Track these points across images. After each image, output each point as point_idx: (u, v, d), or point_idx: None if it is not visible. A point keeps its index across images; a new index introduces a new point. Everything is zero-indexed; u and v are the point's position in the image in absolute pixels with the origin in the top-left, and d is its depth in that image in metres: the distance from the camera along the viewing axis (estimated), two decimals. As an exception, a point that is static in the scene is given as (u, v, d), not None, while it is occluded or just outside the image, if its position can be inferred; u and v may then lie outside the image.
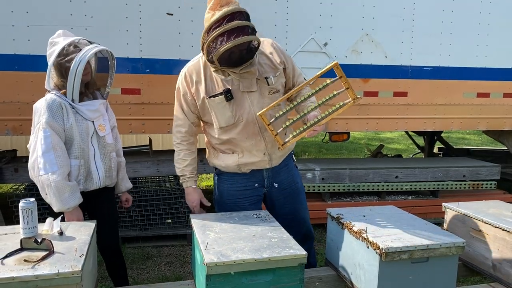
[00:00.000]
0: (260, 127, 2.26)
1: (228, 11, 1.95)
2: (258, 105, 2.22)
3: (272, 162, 2.36)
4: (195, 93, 2.24)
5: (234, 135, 2.26)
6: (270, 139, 2.27)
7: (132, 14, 3.49)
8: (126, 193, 2.56)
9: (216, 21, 1.95)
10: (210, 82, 2.21)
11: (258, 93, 2.23)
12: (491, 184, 4.74)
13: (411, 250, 1.85)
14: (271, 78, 2.23)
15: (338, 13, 3.91)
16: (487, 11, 4.24)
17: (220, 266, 1.66)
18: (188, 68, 2.27)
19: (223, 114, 2.21)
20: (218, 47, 1.96)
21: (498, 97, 4.45)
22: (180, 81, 2.29)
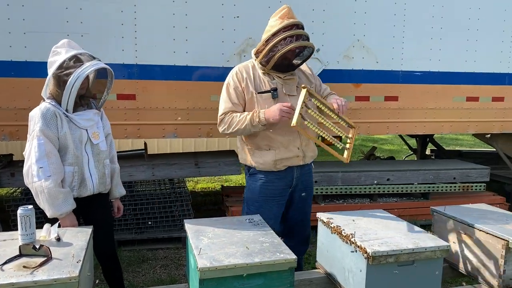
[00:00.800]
0: None
1: (296, 22, 2.49)
2: None
3: (305, 159, 2.67)
4: (245, 88, 2.57)
5: (274, 130, 2.55)
6: (304, 139, 2.62)
7: (127, 21, 3.54)
8: (118, 201, 2.61)
9: (285, 27, 2.45)
10: (258, 81, 2.59)
11: (297, 98, 2.51)
12: (480, 186, 4.83)
13: (397, 254, 1.93)
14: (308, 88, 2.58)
15: (330, 20, 3.98)
16: (475, 17, 4.33)
17: (213, 270, 1.73)
18: (239, 68, 2.65)
19: None
20: (286, 45, 2.41)
21: (487, 101, 4.54)
22: (232, 77, 2.62)
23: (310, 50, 2.57)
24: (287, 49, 2.41)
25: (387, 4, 4.10)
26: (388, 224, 2.25)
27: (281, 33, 2.44)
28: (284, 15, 2.50)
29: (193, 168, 4.10)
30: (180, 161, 4.10)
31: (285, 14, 2.50)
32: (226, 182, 6.97)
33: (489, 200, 4.99)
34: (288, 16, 2.50)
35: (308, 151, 2.67)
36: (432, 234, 2.12)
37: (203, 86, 3.77)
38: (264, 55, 2.50)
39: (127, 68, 3.61)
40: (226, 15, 3.72)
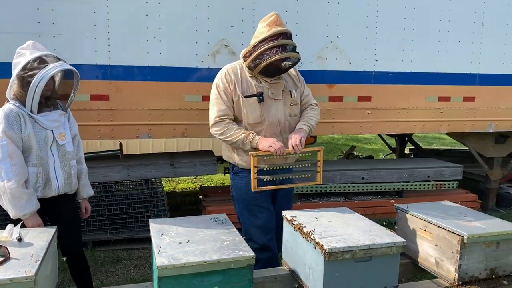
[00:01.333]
0: (281, 129, 2.68)
1: (284, 30, 2.52)
2: (283, 111, 2.67)
3: (287, 161, 2.70)
4: (233, 90, 2.62)
5: (258, 132, 2.62)
6: (285, 142, 2.64)
7: (100, 21, 3.54)
8: (85, 201, 2.63)
9: (272, 36, 2.47)
10: (245, 84, 2.63)
11: (283, 102, 2.67)
12: (453, 184, 4.95)
13: (353, 250, 1.98)
14: (293, 92, 2.73)
15: (304, 21, 4.03)
16: (446, 19, 4.43)
17: (170, 268, 1.77)
18: (227, 69, 2.67)
19: (253, 113, 2.60)
20: (272, 55, 2.45)
21: (458, 100, 4.65)
22: (220, 78, 2.65)
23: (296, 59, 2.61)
24: (272, 59, 2.46)
25: (360, 6, 4.17)
26: (349, 222, 2.31)
27: (268, 42, 2.47)
28: (272, 22, 2.54)
29: (169, 168, 4.12)
30: (156, 162, 4.12)
31: (273, 22, 2.54)
32: (208, 182, 7.00)
33: (462, 197, 5.13)
34: (276, 24, 2.54)
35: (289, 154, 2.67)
36: (391, 231, 2.18)
37: (177, 86, 3.79)
38: (251, 60, 2.55)
39: (100, 68, 3.61)
40: (199, 16, 3.75)
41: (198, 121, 3.87)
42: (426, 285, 2.30)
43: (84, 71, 3.56)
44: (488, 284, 2.26)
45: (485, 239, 2.23)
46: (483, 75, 4.68)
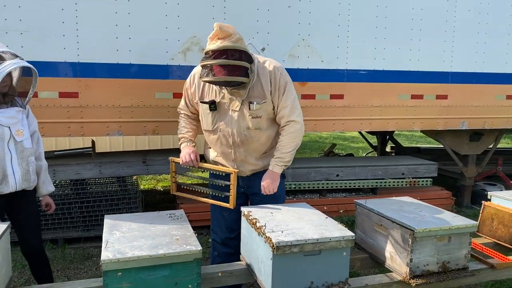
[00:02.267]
0: (234, 141, 2.52)
1: (220, 47, 2.18)
2: (237, 123, 2.47)
3: (241, 173, 2.60)
4: (193, 93, 2.58)
5: (211, 139, 2.59)
6: (240, 155, 2.55)
7: (68, 19, 3.54)
8: (47, 197, 2.63)
9: (206, 52, 2.25)
10: (207, 89, 2.51)
11: (240, 113, 2.46)
12: (427, 181, 5.00)
13: (301, 244, 2.01)
14: (254, 104, 2.42)
15: (275, 19, 4.06)
16: (418, 17, 4.48)
17: (115, 262, 1.78)
18: (195, 70, 2.57)
19: (207, 120, 2.56)
20: (205, 75, 2.27)
21: (431, 98, 4.70)
22: (188, 78, 2.61)
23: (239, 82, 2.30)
24: (206, 80, 2.30)
25: (331, 4, 4.20)
26: (303, 217, 2.34)
27: (203, 59, 2.27)
28: (214, 36, 2.25)
29: (141, 166, 4.13)
30: (128, 159, 4.13)
31: (215, 35, 2.24)
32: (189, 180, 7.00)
33: (436, 194, 5.19)
34: (218, 37, 2.23)
35: (243, 166, 2.59)
36: (343, 225, 2.21)
37: (148, 83, 3.80)
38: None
39: (69, 66, 3.61)
40: (169, 13, 3.76)
41: (169, 119, 3.88)
42: (378, 278, 2.33)
43: (52, 68, 3.58)
44: (440, 277, 2.30)
45: (436, 233, 2.27)
46: (455, 73, 4.73)
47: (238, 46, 2.22)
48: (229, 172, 2.48)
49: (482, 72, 4.82)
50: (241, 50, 2.24)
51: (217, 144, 2.59)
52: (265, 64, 2.47)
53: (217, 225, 2.75)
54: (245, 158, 2.57)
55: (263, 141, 2.55)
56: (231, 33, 2.23)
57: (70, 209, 3.93)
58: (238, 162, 2.58)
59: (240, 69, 2.23)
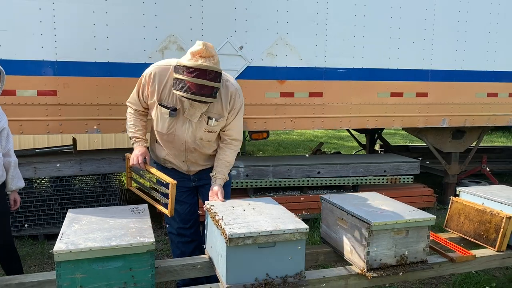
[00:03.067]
0: (186, 148, 2.59)
1: (203, 66, 2.20)
2: (192, 134, 2.54)
3: (190, 172, 2.72)
4: (151, 92, 2.49)
5: (163, 140, 2.60)
6: (190, 158, 2.63)
7: (46, 18, 3.60)
8: (15, 193, 2.69)
9: (188, 67, 2.20)
10: (167, 92, 2.45)
11: (196, 125, 2.51)
12: (408, 179, 5.04)
13: (254, 236, 2.05)
14: (212, 120, 2.50)
15: (253, 18, 4.11)
16: (397, 15, 4.52)
17: (67, 253, 1.83)
18: (157, 69, 2.48)
19: (162, 123, 2.52)
20: (179, 88, 2.23)
21: (411, 96, 4.74)
22: (146, 74, 2.50)
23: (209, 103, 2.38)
24: (180, 94, 2.26)
25: (309, 3, 4.25)
26: (263, 211, 2.37)
27: (182, 72, 2.22)
28: (197, 53, 2.23)
29: (122, 163, 4.18)
30: (108, 156, 4.18)
31: (198, 52, 2.22)
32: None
33: (418, 192, 5.23)
34: (200, 55, 2.22)
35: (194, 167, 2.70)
36: (298, 218, 2.25)
37: (125, 82, 3.85)
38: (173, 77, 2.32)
39: (47, 64, 3.67)
40: (147, 12, 3.82)
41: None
42: (337, 271, 2.37)
43: (31, 66, 3.63)
44: (397, 270, 2.34)
45: (392, 226, 2.31)
46: (435, 71, 4.77)
47: (217, 68, 2.27)
48: (168, 182, 2.43)
49: (462, 70, 4.86)
50: (218, 72, 2.28)
51: (169, 146, 2.61)
52: (227, 83, 2.51)
53: (171, 218, 2.75)
54: (196, 161, 2.67)
55: (211, 150, 2.67)
56: (213, 54, 2.27)
57: (51, 206, 3.99)
58: (188, 163, 2.67)
59: (213, 89, 2.28)
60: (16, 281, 2.08)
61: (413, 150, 7.26)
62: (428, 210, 5.17)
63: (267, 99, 4.27)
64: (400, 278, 2.41)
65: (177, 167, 2.71)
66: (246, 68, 4.16)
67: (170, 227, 2.87)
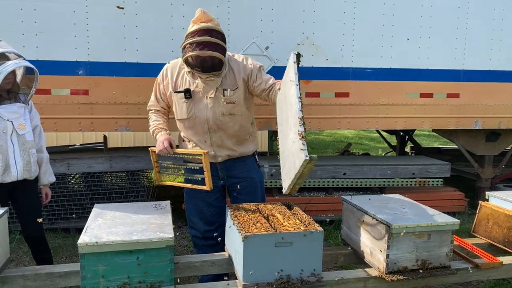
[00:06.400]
0: (209, 128, 2.65)
1: (204, 26, 2.46)
2: (212, 109, 2.62)
3: (218, 158, 2.73)
4: (166, 86, 2.69)
5: (186, 128, 2.69)
6: (216, 140, 2.68)
7: (79, 20, 3.75)
8: (46, 187, 2.82)
9: (192, 32, 2.47)
10: (180, 80, 2.65)
11: (214, 99, 2.61)
12: (438, 181, 4.90)
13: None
14: (228, 90, 2.63)
15: (279, 18, 4.12)
16: (428, 14, 4.41)
17: (90, 246, 1.92)
18: (168, 66, 2.73)
19: (181, 109, 2.66)
20: (186, 52, 2.46)
21: (441, 97, 4.61)
22: (160, 73, 2.73)
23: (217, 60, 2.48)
24: (186, 55, 2.45)
25: (336, 3, 4.22)
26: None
27: (189, 38, 2.47)
28: (197, 19, 2.51)
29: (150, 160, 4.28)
30: (137, 154, 4.31)
31: (198, 19, 2.51)
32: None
33: (449, 195, 5.08)
34: (201, 20, 2.49)
35: (220, 151, 2.72)
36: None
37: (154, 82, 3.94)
38: (182, 56, 2.54)
39: (80, 65, 3.83)
40: (175, 14, 3.91)
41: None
42: (355, 273, 2.35)
43: (64, 67, 3.80)
44: (417, 274, 2.29)
45: (414, 229, 2.27)
46: (468, 71, 4.62)
47: (220, 29, 2.51)
48: (199, 153, 2.45)
49: (497, 70, 4.68)
50: (221, 33, 2.51)
51: (192, 132, 2.67)
52: (234, 57, 2.71)
53: (195, 221, 2.83)
54: (222, 143, 2.69)
55: (236, 128, 2.70)
56: (212, 17, 2.53)
57: (82, 201, 4.15)
58: (214, 147, 2.70)
59: (222, 48, 2.47)
60: (45, 271, 2.19)
61: (445, 152, 7.04)
62: (459, 214, 5.02)
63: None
64: (421, 282, 2.36)
65: None
66: (271, 68, 4.17)
67: (194, 230, 2.88)
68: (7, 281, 2.14)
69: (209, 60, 2.47)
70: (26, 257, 3.64)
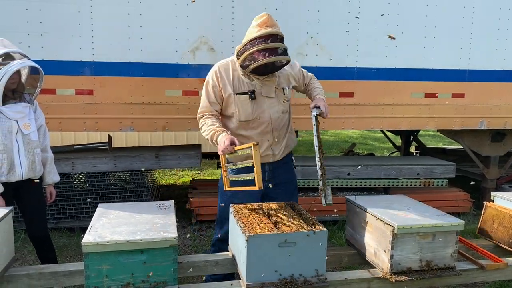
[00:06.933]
0: (273, 127, 2.68)
1: (273, 32, 2.46)
2: (274, 109, 2.66)
3: (275, 157, 2.76)
4: (223, 87, 2.62)
5: (249, 129, 2.66)
6: (275, 138, 2.71)
7: (84, 21, 3.77)
8: (51, 187, 2.83)
9: (261, 37, 2.44)
10: (237, 82, 2.62)
11: (276, 99, 2.67)
12: (442, 182, 4.88)
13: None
14: (286, 89, 2.71)
15: (283, 18, 4.08)
16: (433, 14, 4.39)
17: (94, 245, 1.92)
18: (219, 66, 2.66)
19: (245, 110, 2.62)
20: (259, 59, 2.42)
21: (446, 97, 4.59)
22: (211, 76, 2.65)
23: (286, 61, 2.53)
24: (260, 63, 2.41)
25: (340, 2, 4.21)
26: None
27: (257, 44, 2.42)
28: (263, 23, 2.47)
29: (154, 160, 4.31)
30: (141, 154, 4.32)
31: (264, 22, 2.48)
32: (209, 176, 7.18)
33: (453, 196, 5.06)
34: (267, 24, 2.47)
35: (277, 149, 2.74)
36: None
37: (158, 82, 3.97)
38: (242, 60, 2.51)
39: (85, 65, 3.84)
40: (179, 14, 3.91)
41: (178, 115, 4.04)
42: (359, 273, 2.35)
43: (69, 67, 3.81)
44: (422, 275, 2.28)
45: (418, 230, 2.26)
46: (473, 71, 4.59)
47: (282, 33, 2.54)
48: (249, 146, 2.29)
49: (503, 69, 4.65)
50: (283, 37, 2.54)
51: (254, 132, 2.64)
52: None
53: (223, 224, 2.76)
54: (279, 139, 2.74)
55: (288, 125, 2.79)
56: (276, 22, 2.54)
57: (86, 200, 4.17)
58: (274, 145, 2.72)
59: (285, 51, 2.52)
60: (50, 270, 2.21)
61: (450, 153, 7.01)
62: (463, 215, 5.00)
63: (296, 99, 4.23)
64: (425, 283, 2.35)
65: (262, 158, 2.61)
66: (276, 68, 4.16)
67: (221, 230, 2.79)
68: (12, 280, 2.15)
69: (270, 64, 2.48)
70: (30, 256, 3.66)
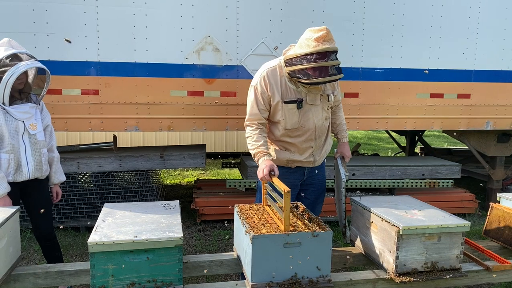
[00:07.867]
0: (317, 134, 2.70)
1: (330, 48, 2.40)
2: (318, 116, 2.66)
3: (315, 163, 2.79)
4: (271, 95, 2.59)
5: (294, 136, 2.66)
6: (318, 146, 2.73)
7: (90, 21, 3.79)
8: (57, 187, 2.85)
9: (318, 53, 2.38)
10: (285, 89, 2.59)
11: (320, 107, 2.66)
12: (448, 183, 4.85)
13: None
14: (331, 96, 2.69)
15: (288, 18, 4.11)
16: (438, 14, 4.37)
17: (100, 245, 1.93)
18: (267, 72, 2.60)
19: (292, 119, 2.61)
20: (313, 76, 2.39)
21: (452, 97, 4.57)
22: (259, 82, 2.60)
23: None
24: (313, 82, 2.41)
25: (345, 2, 4.20)
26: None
27: (312, 60, 2.38)
28: (322, 37, 2.39)
29: (159, 160, 4.32)
30: (146, 154, 4.33)
31: (322, 37, 2.39)
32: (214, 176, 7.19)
33: (459, 196, 5.03)
34: (325, 39, 2.39)
35: (318, 155, 2.77)
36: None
37: (163, 82, 3.98)
38: (293, 70, 2.47)
39: (91, 65, 3.86)
40: (184, 14, 3.92)
41: (183, 115, 4.05)
42: (364, 274, 2.34)
43: (75, 67, 3.84)
44: (427, 276, 2.27)
45: (423, 231, 2.25)
46: (479, 71, 4.57)
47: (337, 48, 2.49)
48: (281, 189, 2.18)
49: (509, 70, 4.62)
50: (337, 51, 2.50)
51: (300, 140, 2.65)
52: None
53: None
54: (321, 146, 2.75)
55: (327, 128, 2.78)
56: (332, 36, 2.45)
57: (92, 200, 4.19)
58: (315, 151, 2.74)
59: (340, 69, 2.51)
60: (56, 269, 2.22)
61: (456, 153, 6.98)
62: (469, 216, 4.97)
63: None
64: (431, 284, 2.34)
65: (303, 163, 2.72)
66: (280, 69, 4.16)
67: None
68: (18, 279, 2.17)
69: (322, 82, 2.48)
70: (37, 255, 3.68)
